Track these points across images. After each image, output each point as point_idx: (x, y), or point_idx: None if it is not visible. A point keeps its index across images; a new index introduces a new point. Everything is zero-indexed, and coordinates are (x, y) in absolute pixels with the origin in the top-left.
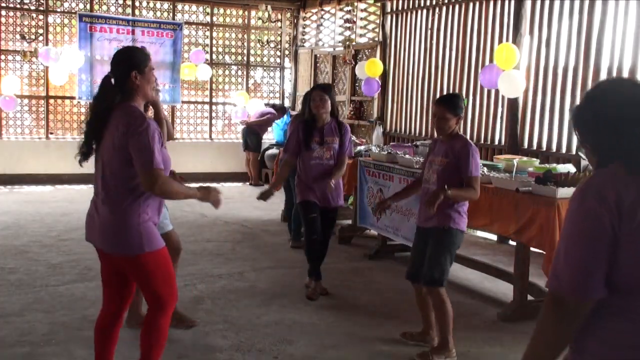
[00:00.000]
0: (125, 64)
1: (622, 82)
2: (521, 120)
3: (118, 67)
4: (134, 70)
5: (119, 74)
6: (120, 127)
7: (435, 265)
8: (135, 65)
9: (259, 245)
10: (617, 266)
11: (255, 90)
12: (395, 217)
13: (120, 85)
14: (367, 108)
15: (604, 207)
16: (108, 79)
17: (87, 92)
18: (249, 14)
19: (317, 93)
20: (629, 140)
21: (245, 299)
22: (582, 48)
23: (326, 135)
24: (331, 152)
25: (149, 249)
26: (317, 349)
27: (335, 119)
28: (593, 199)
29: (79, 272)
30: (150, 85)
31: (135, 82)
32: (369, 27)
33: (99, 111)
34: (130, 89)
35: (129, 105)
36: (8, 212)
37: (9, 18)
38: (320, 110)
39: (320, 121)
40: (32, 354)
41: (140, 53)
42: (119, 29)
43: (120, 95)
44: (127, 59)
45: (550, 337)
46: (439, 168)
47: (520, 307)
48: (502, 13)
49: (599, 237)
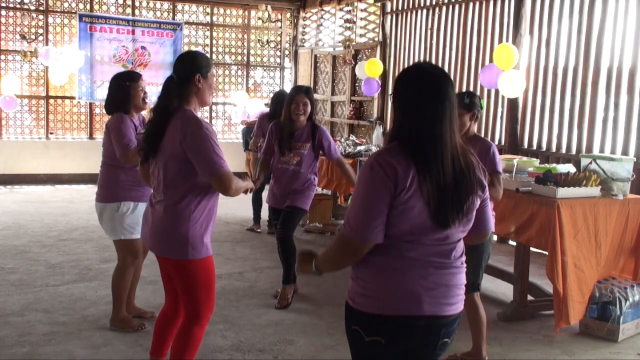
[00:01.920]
0: (190, 66)
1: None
2: (521, 120)
3: (182, 68)
4: (197, 73)
5: (182, 75)
6: (179, 132)
7: (476, 270)
8: (200, 68)
9: (259, 245)
10: (390, 221)
11: (255, 90)
12: None
13: (181, 86)
14: (367, 108)
15: (387, 175)
16: (171, 80)
17: (87, 92)
18: (249, 14)
19: (301, 98)
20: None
21: (245, 299)
22: (582, 48)
23: (296, 141)
24: (299, 157)
25: (197, 255)
26: (317, 349)
27: (312, 123)
28: (380, 168)
29: (79, 272)
30: (210, 91)
31: (197, 85)
32: (369, 27)
33: (161, 112)
34: (190, 92)
35: (187, 109)
36: (8, 212)
37: (9, 18)
38: (301, 117)
39: (295, 126)
40: (32, 354)
41: (204, 58)
42: (119, 29)
43: (179, 98)
44: (192, 61)
45: (334, 263)
46: None
47: (520, 307)
48: (502, 13)
49: (380, 197)
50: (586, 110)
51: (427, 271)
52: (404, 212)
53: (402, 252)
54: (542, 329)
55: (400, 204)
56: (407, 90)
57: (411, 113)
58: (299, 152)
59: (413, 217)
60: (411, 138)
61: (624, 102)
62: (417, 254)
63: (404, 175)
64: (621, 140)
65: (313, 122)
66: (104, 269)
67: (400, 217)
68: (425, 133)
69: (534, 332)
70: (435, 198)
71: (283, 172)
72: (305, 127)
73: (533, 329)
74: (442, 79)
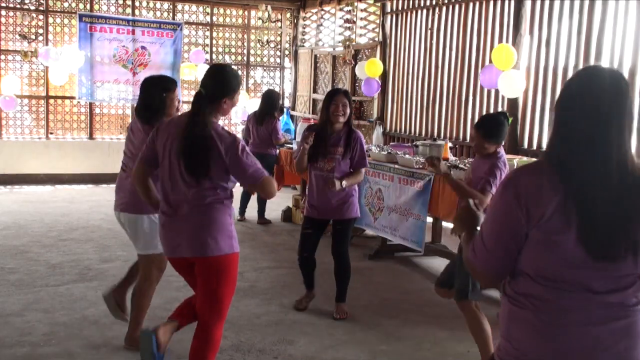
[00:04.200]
0: (221, 90)
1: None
2: (521, 120)
3: (212, 88)
4: (226, 97)
5: (211, 94)
6: (220, 146)
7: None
8: (229, 92)
9: (259, 245)
10: (529, 257)
11: (255, 90)
12: (394, 217)
13: (210, 103)
14: (367, 108)
15: (517, 200)
16: (201, 96)
17: (87, 93)
18: (249, 14)
19: (341, 99)
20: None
21: (245, 299)
22: (582, 48)
23: (331, 146)
24: (334, 163)
25: (234, 250)
26: (317, 349)
27: (349, 127)
28: (512, 190)
29: (79, 272)
30: (233, 106)
31: (223, 107)
32: (369, 27)
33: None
34: (216, 109)
35: (215, 123)
36: (8, 212)
37: (9, 18)
38: (341, 118)
39: (332, 129)
40: (32, 354)
41: (234, 78)
42: (119, 29)
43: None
44: (223, 84)
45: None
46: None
47: None
48: (502, 13)
49: (506, 225)
50: None
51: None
52: (549, 246)
53: (560, 300)
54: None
55: (540, 235)
56: (566, 109)
57: (567, 136)
58: (334, 157)
59: (563, 252)
60: (561, 162)
61: None
62: (580, 301)
63: (544, 201)
64: None
65: (350, 126)
66: (104, 269)
67: (545, 253)
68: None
69: None
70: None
71: (319, 179)
72: (342, 130)
73: None
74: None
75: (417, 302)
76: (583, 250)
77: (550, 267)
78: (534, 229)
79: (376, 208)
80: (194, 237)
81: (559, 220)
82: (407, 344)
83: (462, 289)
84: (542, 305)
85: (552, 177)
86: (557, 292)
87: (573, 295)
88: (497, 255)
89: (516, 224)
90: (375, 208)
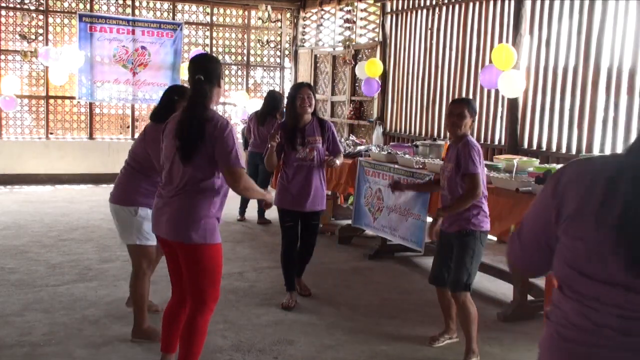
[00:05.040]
0: (218, 70)
1: None
2: (521, 120)
3: (212, 71)
4: (220, 78)
5: (210, 77)
6: (207, 130)
7: (461, 269)
8: (221, 73)
9: (259, 245)
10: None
11: (255, 90)
12: (393, 217)
13: (209, 86)
14: (367, 108)
15: (554, 191)
16: (201, 81)
17: (87, 93)
18: (249, 14)
19: (305, 91)
20: None
21: (245, 299)
22: (582, 48)
23: (308, 135)
24: (315, 151)
25: (210, 241)
26: (317, 349)
27: (317, 118)
28: (555, 179)
29: (79, 272)
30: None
31: (218, 87)
32: (369, 27)
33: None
34: (214, 93)
35: (211, 109)
36: (8, 212)
37: (9, 18)
38: (308, 109)
39: (302, 121)
40: (32, 354)
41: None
42: (119, 29)
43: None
44: (218, 65)
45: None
46: (448, 175)
47: (520, 307)
48: (502, 13)
49: (541, 217)
50: (586, 110)
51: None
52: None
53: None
54: (542, 329)
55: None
56: None
57: None
58: (315, 146)
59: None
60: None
61: (624, 102)
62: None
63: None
64: (621, 141)
65: (317, 116)
66: (104, 269)
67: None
68: None
69: (534, 332)
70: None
71: (301, 169)
72: (312, 121)
73: (533, 329)
74: None
75: (417, 302)
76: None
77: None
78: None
79: (376, 208)
80: (175, 221)
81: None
82: (407, 344)
83: (465, 282)
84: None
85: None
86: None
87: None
88: (531, 249)
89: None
90: (375, 208)
